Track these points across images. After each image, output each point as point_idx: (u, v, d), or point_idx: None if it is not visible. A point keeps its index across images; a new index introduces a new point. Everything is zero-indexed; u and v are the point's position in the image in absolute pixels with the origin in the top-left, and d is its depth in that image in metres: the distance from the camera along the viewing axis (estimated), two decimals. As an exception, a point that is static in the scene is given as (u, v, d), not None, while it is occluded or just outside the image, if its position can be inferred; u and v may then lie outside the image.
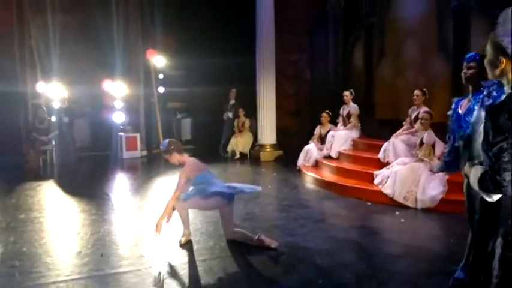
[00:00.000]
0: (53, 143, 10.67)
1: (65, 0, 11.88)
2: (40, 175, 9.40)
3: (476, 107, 3.19)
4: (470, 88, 3.34)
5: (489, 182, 1.90)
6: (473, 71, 3.28)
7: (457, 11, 7.42)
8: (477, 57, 3.24)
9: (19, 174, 9.20)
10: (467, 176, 2.15)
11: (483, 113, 2.70)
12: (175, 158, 4.71)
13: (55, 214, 6.10)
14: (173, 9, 12.60)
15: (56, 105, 10.83)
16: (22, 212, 6.09)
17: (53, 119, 10.77)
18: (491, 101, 2.80)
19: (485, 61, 2.08)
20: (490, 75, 2.08)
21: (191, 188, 4.71)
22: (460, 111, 3.36)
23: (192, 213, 5.74)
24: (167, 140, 4.81)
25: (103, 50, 11.77)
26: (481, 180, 1.94)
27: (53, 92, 10.91)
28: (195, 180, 4.63)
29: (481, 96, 3.13)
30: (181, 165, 4.74)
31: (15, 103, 12.00)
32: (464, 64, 3.37)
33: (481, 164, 2.04)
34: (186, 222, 4.80)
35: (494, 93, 2.80)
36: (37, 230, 5.25)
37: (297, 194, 7.29)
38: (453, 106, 3.47)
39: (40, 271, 3.96)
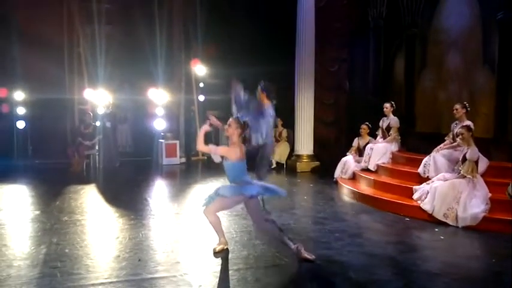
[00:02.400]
0: (97, 147, 11.05)
1: (111, 11, 12.37)
2: (84, 178, 9.75)
3: None
4: None
5: None
6: None
7: (503, 23, 7.20)
8: None
9: (64, 177, 9.59)
10: (510, 196, 2.09)
11: None
12: (234, 132, 4.63)
13: (96, 217, 6.31)
14: (215, 19, 12.85)
15: (101, 111, 11.24)
16: (65, 214, 6.33)
17: (97, 124, 11.17)
18: None
19: None
20: None
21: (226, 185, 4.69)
22: None
23: (226, 222, 5.84)
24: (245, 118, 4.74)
25: (146, 59, 12.15)
26: None
27: (98, 98, 11.33)
28: (228, 165, 4.60)
29: None
30: (228, 140, 4.74)
31: (63, 109, 12.58)
32: None
33: None
34: (219, 230, 4.83)
35: None
36: (79, 233, 5.44)
37: (333, 207, 7.22)
38: None
39: (80, 273, 4.11)
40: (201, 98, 13.44)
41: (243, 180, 4.60)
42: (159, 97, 11.94)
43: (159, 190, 8.90)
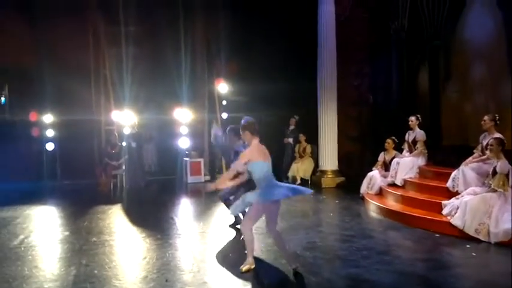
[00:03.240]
0: (123, 167, 11.22)
1: (136, 32, 12.67)
2: (111, 199, 9.90)
3: None
4: None
5: None
6: None
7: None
8: None
9: (91, 197, 9.76)
10: None
11: None
12: (248, 136, 4.75)
13: (124, 238, 6.37)
14: (237, 37, 13.01)
15: (127, 131, 11.44)
16: (94, 235, 6.42)
17: (124, 144, 11.36)
18: None
19: None
20: None
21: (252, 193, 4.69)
22: None
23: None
24: (249, 118, 4.86)
25: (171, 79, 12.37)
26: None
27: (124, 118, 11.55)
28: (253, 166, 4.61)
29: None
30: (247, 145, 4.87)
31: (90, 130, 12.86)
32: None
33: None
34: (251, 249, 4.81)
35: None
36: (107, 253, 5.50)
37: (360, 223, 7.11)
38: None
39: (109, 294, 4.15)
40: (224, 115, 13.54)
41: (269, 182, 4.60)
42: (183, 116, 12.10)
43: (184, 209, 8.95)
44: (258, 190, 4.64)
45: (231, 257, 5.32)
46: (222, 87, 12.62)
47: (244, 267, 4.77)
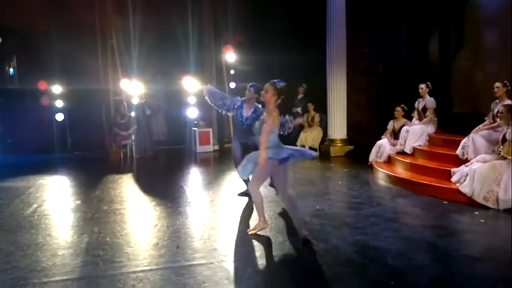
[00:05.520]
0: (133, 137, 11.29)
1: (143, 2, 12.50)
2: (121, 168, 10.01)
3: None
4: None
5: None
6: None
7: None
8: None
9: (102, 167, 9.87)
10: None
11: None
12: (271, 99, 4.68)
13: (135, 206, 6.48)
14: (244, 7, 12.80)
15: (135, 101, 11.45)
16: (105, 203, 6.53)
17: (133, 114, 11.39)
18: None
19: None
20: None
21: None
22: None
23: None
24: (282, 82, 4.83)
25: (178, 48, 12.27)
26: None
27: (132, 88, 11.54)
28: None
29: None
30: (264, 106, 5.03)
31: (98, 100, 12.90)
32: None
33: None
34: (261, 209, 4.90)
35: None
36: (119, 221, 5.61)
37: (368, 191, 7.14)
38: None
39: (121, 261, 4.24)
40: (232, 85, 13.46)
41: (275, 144, 4.65)
42: (191, 86, 12.04)
43: (194, 178, 9.03)
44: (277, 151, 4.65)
45: (241, 224, 5.39)
46: (230, 56, 12.49)
47: (257, 229, 4.89)
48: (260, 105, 6.33)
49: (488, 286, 3.68)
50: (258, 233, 4.92)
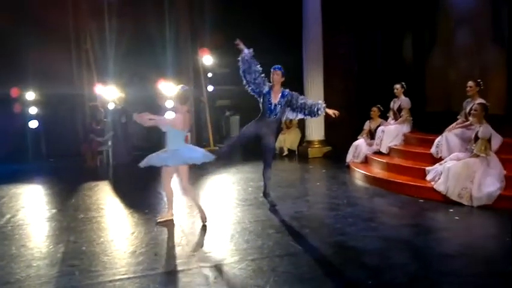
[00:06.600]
0: (109, 143, 11.13)
1: (119, 4, 12.33)
2: (97, 175, 9.84)
3: None
4: None
5: None
6: None
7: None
8: None
9: (78, 174, 9.69)
10: None
11: None
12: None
13: (111, 214, 6.39)
14: (221, 8, 12.77)
15: (111, 106, 11.29)
16: (81, 212, 6.41)
17: (109, 119, 11.23)
18: None
19: None
20: None
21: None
22: None
23: (240, 212, 5.89)
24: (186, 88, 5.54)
25: (155, 52, 12.14)
26: None
27: (108, 93, 11.38)
28: (170, 131, 5.52)
29: None
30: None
31: (73, 105, 12.66)
32: None
33: None
34: (169, 200, 5.67)
35: None
36: (95, 230, 5.51)
37: (346, 192, 7.20)
38: None
39: (98, 270, 4.17)
40: (210, 88, 13.42)
41: (174, 146, 5.56)
42: (168, 89, 11.94)
43: (172, 183, 8.93)
44: (167, 151, 5.54)
45: (219, 230, 5.37)
46: (207, 59, 12.45)
47: (160, 219, 5.59)
48: (287, 90, 6.16)
49: (463, 282, 3.75)
50: (236, 237, 4.92)
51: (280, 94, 6.07)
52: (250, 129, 6.11)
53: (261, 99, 6.07)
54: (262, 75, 6.16)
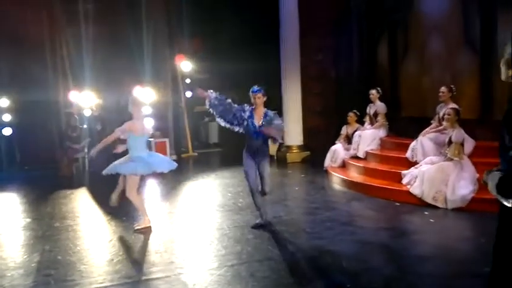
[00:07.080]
0: (85, 150, 10.96)
1: (95, 10, 12.19)
2: (73, 183, 9.66)
3: None
4: None
5: (505, 186, 1.89)
6: None
7: (484, 5, 7.24)
8: None
9: (53, 182, 9.49)
10: (486, 184, 2.12)
11: None
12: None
13: (88, 222, 6.30)
14: (199, 15, 12.78)
15: (88, 113, 11.14)
16: (57, 220, 6.30)
17: (85, 126, 11.07)
18: None
19: (502, 61, 2.08)
20: (503, 76, 2.08)
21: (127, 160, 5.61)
22: None
23: (220, 218, 5.89)
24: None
25: (132, 58, 12.03)
26: (498, 185, 1.93)
27: (84, 100, 11.22)
28: (130, 138, 5.58)
29: None
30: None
31: (48, 112, 12.40)
32: None
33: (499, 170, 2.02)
34: (141, 207, 5.66)
35: None
36: (71, 238, 5.43)
37: (324, 196, 7.27)
38: None
39: (74, 279, 4.11)
40: (188, 94, 13.39)
41: (133, 155, 5.67)
42: (146, 96, 11.85)
43: (150, 189, 8.88)
44: (132, 158, 5.58)
45: (198, 236, 5.35)
46: (185, 65, 12.42)
47: (137, 226, 5.54)
48: (267, 109, 5.77)
49: (438, 284, 3.83)
50: (214, 243, 4.92)
51: (263, 115, 5.72)
52: (250, 167, 5.85)
53: (245, 124, 5.65)
54: (235, 105, 5.72)
